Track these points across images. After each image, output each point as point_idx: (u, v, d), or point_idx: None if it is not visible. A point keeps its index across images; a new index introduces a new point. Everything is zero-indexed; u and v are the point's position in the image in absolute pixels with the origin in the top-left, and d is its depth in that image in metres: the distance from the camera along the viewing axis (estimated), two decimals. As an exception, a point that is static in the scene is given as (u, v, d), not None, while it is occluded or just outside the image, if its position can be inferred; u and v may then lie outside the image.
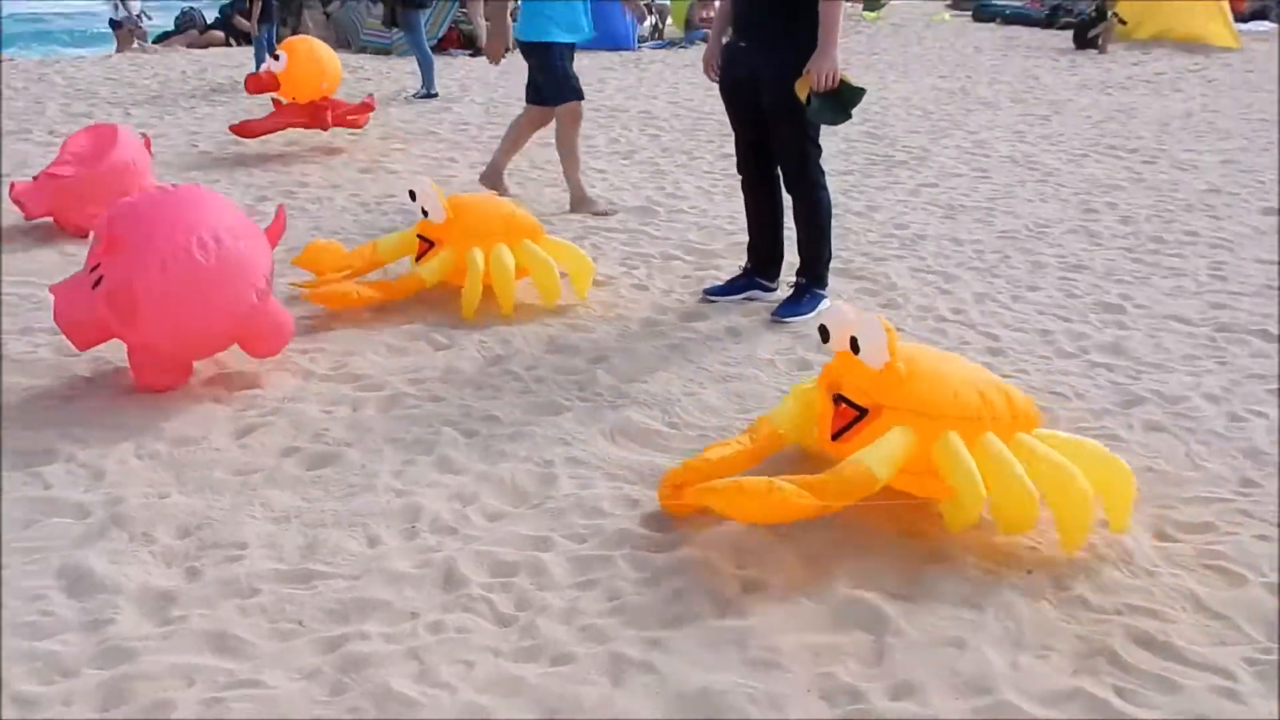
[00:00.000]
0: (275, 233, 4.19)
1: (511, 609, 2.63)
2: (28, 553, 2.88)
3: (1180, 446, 3.50)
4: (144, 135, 6.47)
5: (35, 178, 6.06)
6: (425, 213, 4.82)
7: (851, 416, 3.02)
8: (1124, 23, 15.58)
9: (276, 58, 8.26)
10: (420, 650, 2.47)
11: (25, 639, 2.52)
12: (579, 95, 6.48)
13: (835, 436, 3.06)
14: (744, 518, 2.82)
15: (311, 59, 8.36)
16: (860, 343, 3.00)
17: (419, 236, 4.89)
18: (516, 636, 2.52)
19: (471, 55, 15.11)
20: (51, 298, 3.85)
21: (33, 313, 4.64)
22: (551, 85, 6.37)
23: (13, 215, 6.15)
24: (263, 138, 8.23)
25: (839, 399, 3.06)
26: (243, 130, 8.11)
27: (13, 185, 6.10)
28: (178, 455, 3.43)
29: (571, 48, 6.41)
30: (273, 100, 8.53)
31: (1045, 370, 4.13)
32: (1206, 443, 3.53)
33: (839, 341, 3.10)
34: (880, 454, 2.83)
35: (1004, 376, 3.95)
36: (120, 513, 3.06)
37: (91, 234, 3.86)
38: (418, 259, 4.88)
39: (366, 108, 8.55)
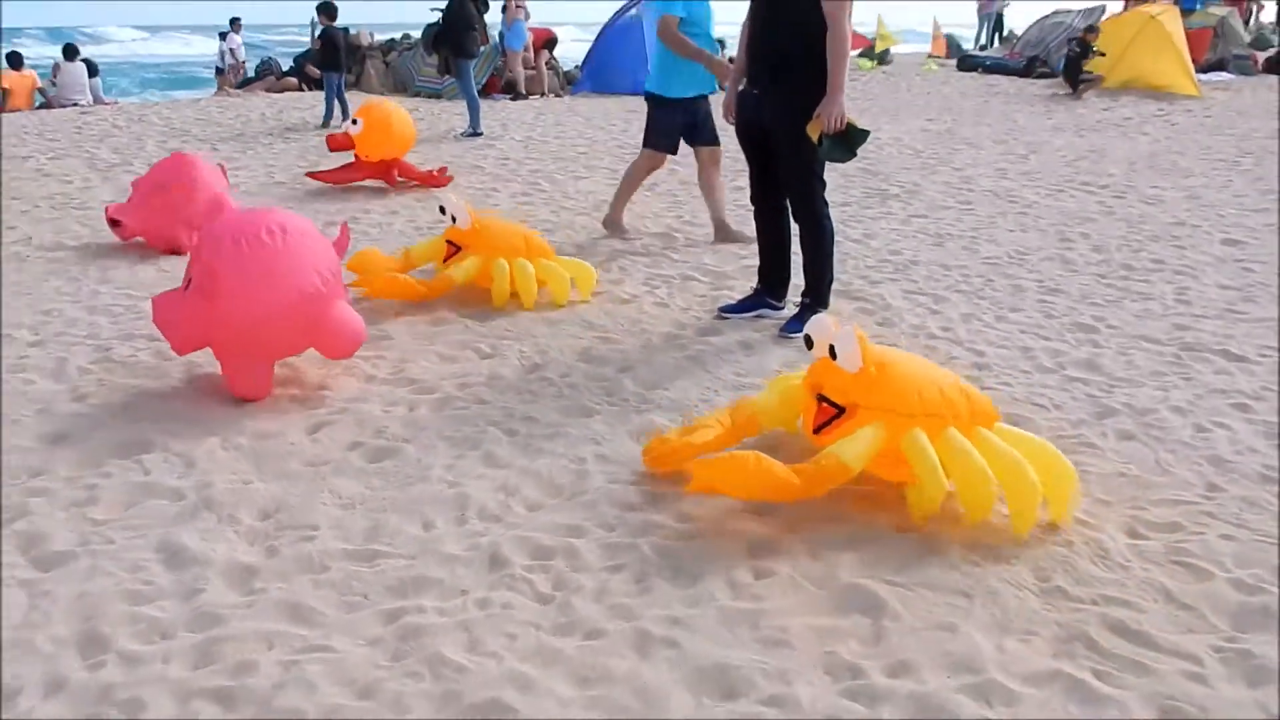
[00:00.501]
0: (341, 245, 4.24)
1: (549, 588, 2.64)
2: (131, 529, 2.92)
3: (1150, 454, 3.47)
4: (220, 165, 6.57)
5: (128, 201, 6.19)
6: (454, 219, 5.13)
7: (831, 414, 3.11)
8: (1102, 54, 15.45)
9: (355, 122, 8.10)
10: (470, 623, 2.48)
11: (129, 604, 2.56)
12: (673, 149, 6.36)
13: (817, 430, 3.14)
14: (729, 489, 2.90)
15: (385, 125, 8.16)
16: (837, 350, 3.09)
17: (447, 241, 5.22)
18: (554, 613, 2.53)
19: (511, 99, 15.21)
20: (151, 307, 3.90)
21: (134, 321, 4.70)
22: (654, 133, 6.31)
23: (110, 235, 6.24)
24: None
25: (821, 398, 3.15)
26: (319, 177, 8.22)
27: (108, 208, 6.20)
28: (258, 447, 3.46)
29: (697, 99, 6.24)
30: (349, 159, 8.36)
31: (1027, 384, 4.10)
32: (1174, 451, 3.49)
33: (820, 348, 3.18)
34: (854, 448, 2.94)
35: (988, 389, 3.97)
36: (209, 496, 3.10)
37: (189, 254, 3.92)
38: (444, 260, 5.21)
39: (435, 181, 8.28)
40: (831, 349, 3.11)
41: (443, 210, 5.24)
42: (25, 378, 4.08)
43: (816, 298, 4.67)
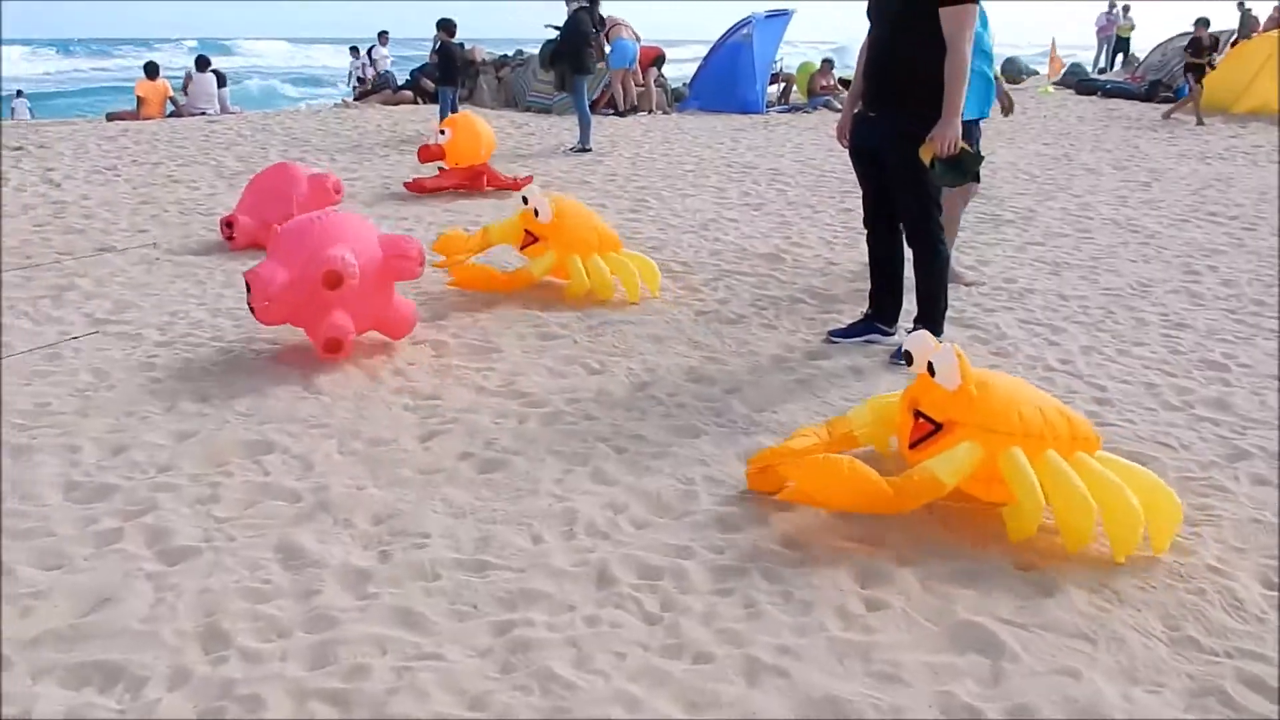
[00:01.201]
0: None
1: (657, 609, 2.63)
2: (252, 528, 3.01)
3: (1287, 500, 3.29)
4: (330, 175, 6.88)
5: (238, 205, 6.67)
6: (536, 212, 5.44)
7: (928, 429, 3.10)
8: (1211, 66, 14.96)
9: (443, 133, 8.69)
10: (578, 639, 2.48)
11: (249, 602, 2.63)
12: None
13: (913, 445, 3.14)
14: (822, 497, 2.96)
15: (471, 133, 8.79)
16: (936, 367, 3.09)
17: (525, 230, 5.54)
18: (662, 634, 2.52)
19: (618, 115, 15.36)
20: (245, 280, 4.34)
21: (257, 324, 4.84)
22: None
23: (249, 255, 6.49)
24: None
25: (918, 414, 3.14)
26: (415, 187, 8.66)
27: (226, 219, 6.59)
28: (373, 453, 3.54)
29: (971, 123, 6.00)
30: (438, 168, 8.94)
31: (1152, 422, 3.94)
32: (1312, 498, 3.31)
33: (919, 365, 3.18)
34: (949, 464, 2.95)
35: (1109, 425, 3.84)
36: (326, 499, 3.17)
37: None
38: (521, 247, 5.60)
39: (518, 186, 8.47)
40: (930, 366, 3.11)
41: (525, 201, 5.53)
42: (153, 376, 4.26)
43: (930, 324, 4.55)
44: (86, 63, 45.33)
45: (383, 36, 19.67)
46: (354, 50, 20.94)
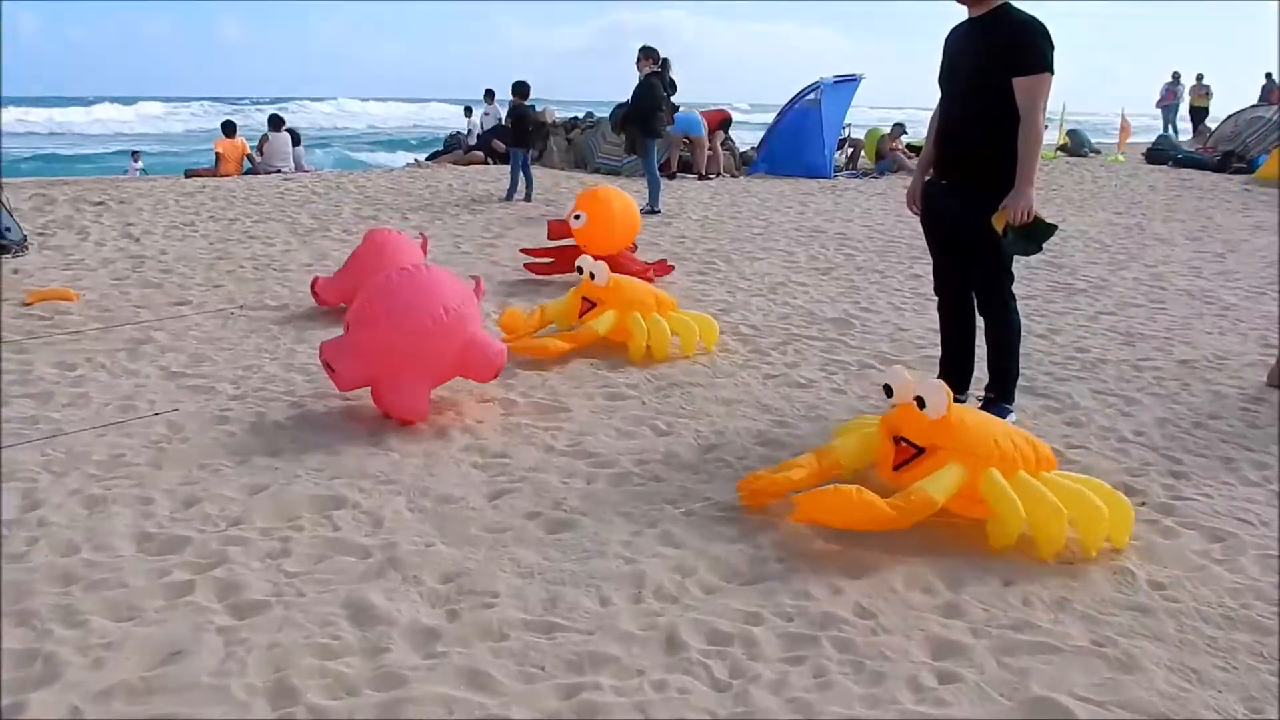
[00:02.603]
0: (478, 291, 4.85)
1: (726, 676, 2.61)
2: (321, 583, 3.05)
3: (1370, 581, 3.19)
4: (421, 234, 6.92)
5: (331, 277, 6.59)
6: (592, 276, 5.63)
7: (910, 453, 3.49)
8: None
9: (578, 217, 7.55)
10: (646, 705, 2.47)
11: (318, 658, 2.66)
12: None
13: (897, 468, 3.52)
14: (831, 518, 3.28)
15: (608, 219, 7.69)
16: (926, 400, 3.47)
17: (583, 298, 5.72)
18: (731, 702, 2.50)
19: (699, 178, 15.55)
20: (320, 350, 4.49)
21: (328, 380, 4.95)
22: None
23: (307, 297, 6.66)
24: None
25: (899, 440, 3.52)
26: (532, 269, 7.87)
27: (315, 280, 6.62)
28: (442, 511, 3.58)
29: None
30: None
31: (1229, 496, 3.84)
32: (1398, 580, 3.20)
33: (902, 397, 3.56)
34: (939, 484, 3.32)
35: (1185, 499, 3.77)
36: (395, 556, 3.21)
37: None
38: (580, 316, 5.71)
39: (663, 269, 7.99)
40: (920, 399, 3.48)
41: (580, 270, 5.75)
42: (227, 429, 4.37)
43: (1001, 392, 4.53)
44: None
45: (489, 95, 19.43)
46: (468, 110, 21.27)
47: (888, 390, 3.64)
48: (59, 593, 2.97)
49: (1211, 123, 24.07)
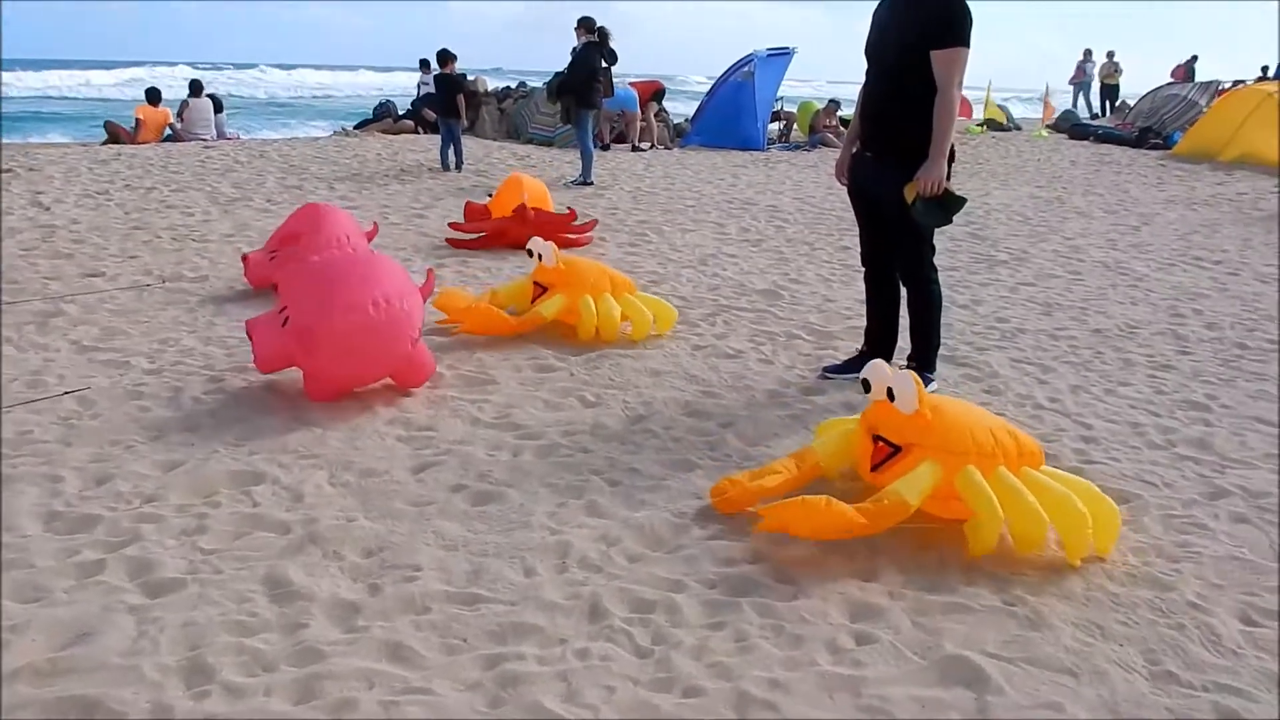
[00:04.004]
0: (426, 290, 4.58)
1: (649, 642, 2.62)
2: (238, 560, 2.99)
3: (1264, 538, 3.32)
4: (374, 225, 6.61)
5: (261, 251, 6.33)
6: (540, 258, 5.44)
7: (887, 452, 3.32)
8: None
9: (489, 195, 7.92)
10: (568, 673, 2.47)
11: (234, 635, 2.60)
12: None
13: (874, 468, 3.35)
14: (801, 529, 3.10)
15: (516, 190, 8.18)
16: (895, 393, 3.30)
17: (535, 282, 5.51)
18: (653, 668, 2.51)
19: (632, 150, 15.52)
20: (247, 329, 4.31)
21: (248, 354, 4.80)
22: None
23: (227, 269, 6.50)
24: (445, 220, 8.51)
25: (877, 438, 3.35)
26: (458, 244, 7.90)
27: (245, 256, 6.39)
28: (364, 485, 3.53)
29: None
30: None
31: (1136, 460, 3.97)
32: (1291, 536, 3.35)
33: (878, 392, 3.38)
34: (913, 485, 3.12)
35: (1095, 464, 3.87)
36: (316, 531, 3.16)
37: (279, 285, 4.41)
38: (533, 301, 5.47)
39: (578, 225, 8.12)
40: (890, 391, 3.32)
41: (530, 253, 5.55)
42: (141, 405, 4.24)
43: (923, 362, 4.60)
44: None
45: (424, 65, 18.69)
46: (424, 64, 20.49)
47: (865, 385, 3.46)
48: (-39, 573, 2.86)
49: (1126, 100, 24.68)
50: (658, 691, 2.42)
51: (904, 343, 4.74)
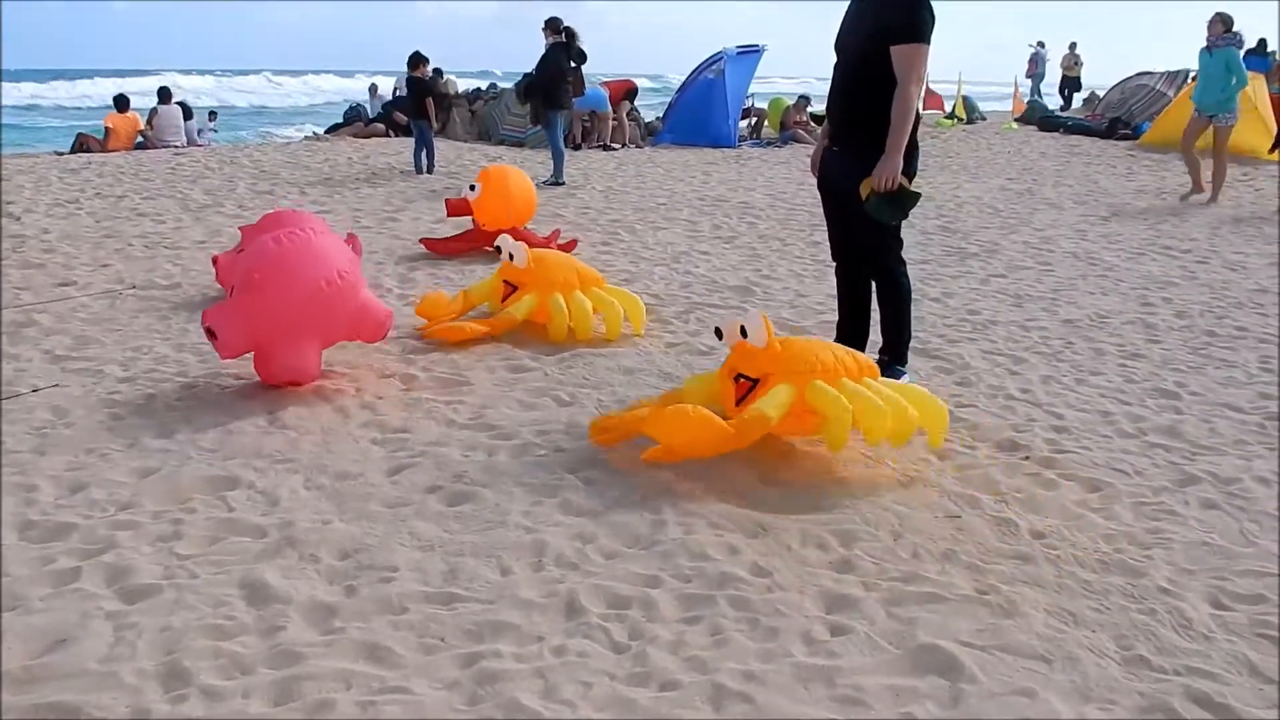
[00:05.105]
0: (357, 248, 4.75)
1: (625, 638, 2.64)
2: (215, 564, 2.99)
3: (1234, 524, 3.39)
4: (351, 234, 6.59)
5: (230, 252, 6.30)
6: (511, 257, 5.44)
7: (747, 387, 3.76)
8: None
9: (473, 188, 7.64)
10: (545, 670, 2.49)
11: (212, 639, 2.61)
12: None
13: (739, 403, 3.76)
14: (676, 442, 3.51)
15: (504, 191, 7.75)
16: (748, 330, 3.77)
17: (505, 281, 5.50)
18: (630, 663, 2.53)
19: (603, 149, 15.53)
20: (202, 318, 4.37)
21: (224, 362, 4.82)
22: None
23: (199, 274, 6.47)
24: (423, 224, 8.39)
25: (739, 377, 3.80)
26: (432, 247, 7.69)
27: (215, 258, 6.36)
28: (340, 488, 3.54)
29: None
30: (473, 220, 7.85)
31: (1107, 449, 4.03)
32: (1258, 521, 3.41)
33: (731, 336, 3.85)
34: (772, 402, 3.60)
35: (1067, 453, 3.92)
36: (291, 535, 3.16)
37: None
38: (503, 300, 5.48)
39: (567, 245, 7.72)
40: (743, 329, 3.78)
41: (498, 250, 5.58)
42: (115, 413, 4.23)
43: (895, 355, 4.64)
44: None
45: (373, 89, 20.02)
46: (373, 88, 21.10)
47: (718, 334, 3.93)
48: (-65, 585, 2.85)
49: (1095, 91, 24.84)
50: (635, 686, 2.44)
51: (876, 336, 4.78)
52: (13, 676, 2.44)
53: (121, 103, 15.58)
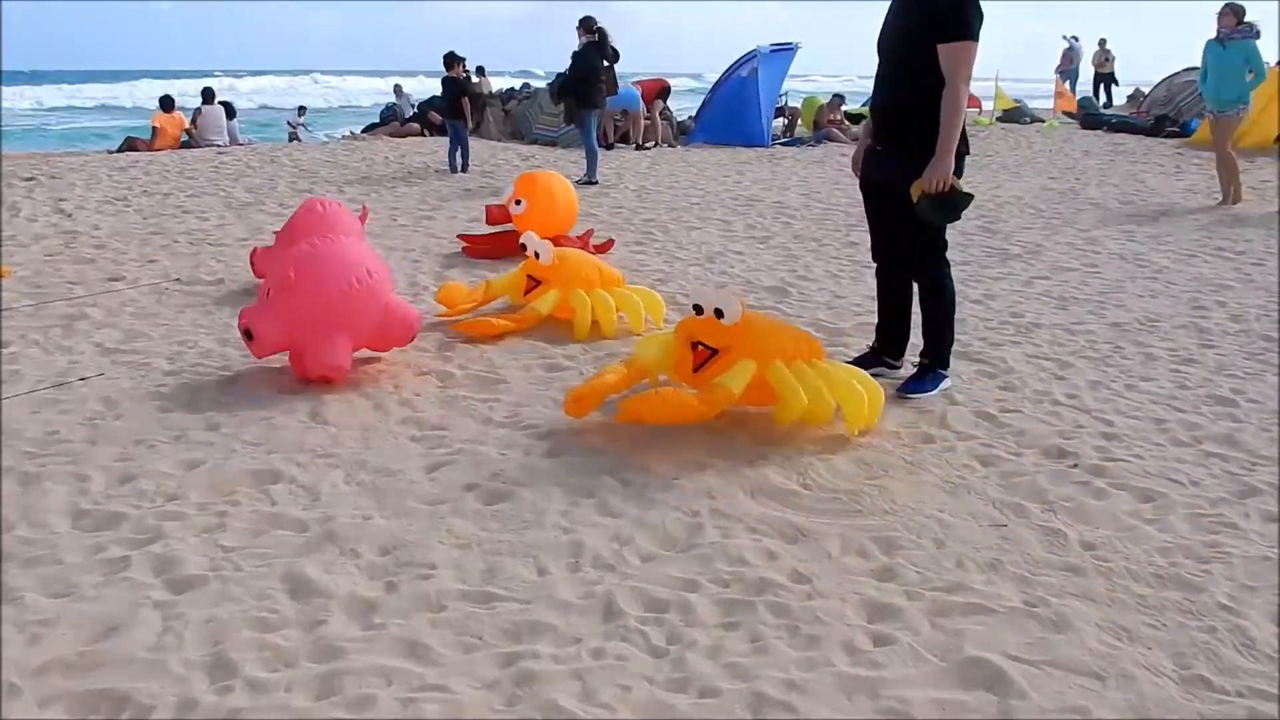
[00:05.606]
0: (364, 217, 5.12)
1: (663, 642, 2.62)
2: (257, 557, 3.02)
3: (1297, 538, 3.28)
4: (362, 206, 6.77)
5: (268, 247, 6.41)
6: (536, 255, 5.59)
7: (707, 355, 4.05)
8: None
9: (518, 203, 7.42)
10: (583, 672, 2.48)
11: (256, 631, 2.63)
12: None
13: (697, 369, 4.06)
14: (651, 415, 3.89)
15: (548, 205, 7.59)
16: (724, 311, 4.01)
17: (528, 276, 5.68)
18: (668, 668, 2.51)
19: (636, 149, 15.55)
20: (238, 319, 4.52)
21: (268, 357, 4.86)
22: None
23: (243, 271, 6.54)
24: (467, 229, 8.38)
25: (696, 344, 4.06)
26: (471, 246, 7.63)
27: (254, 251, 6.48)
28: (379, 483, 3.55)
29: None
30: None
31: (1160, 457, 3.93)
32: (1321, 535, 3.30)
33: (708, 311, 4.06)
34: (737, 378, 3.93)
35: (1117, 461, 3.84)
36: (332, 529, 3.18)
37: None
38: (525, 294, 5.65)
39: (602, 246, 7.75)
40: (718, 310, 4.01)
41: (524, 247, 5.70)
42: (162, 405, 4.29)
43: (936, 358, 4.59)
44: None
45: (398, 90, 20.26)
46: (398, 89, 21.37)
47: (697, 309, 4.11)
48: (-9, 571, 2.91)
49: (1126, 87, 24.38)
50: (674, 691, 2.42)
51: (916, 339, 4.72)
52: (66, 662, 2.49)
53: (167, 103, 15.82)
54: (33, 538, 3.12)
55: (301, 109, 22.28)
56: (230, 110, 16.52)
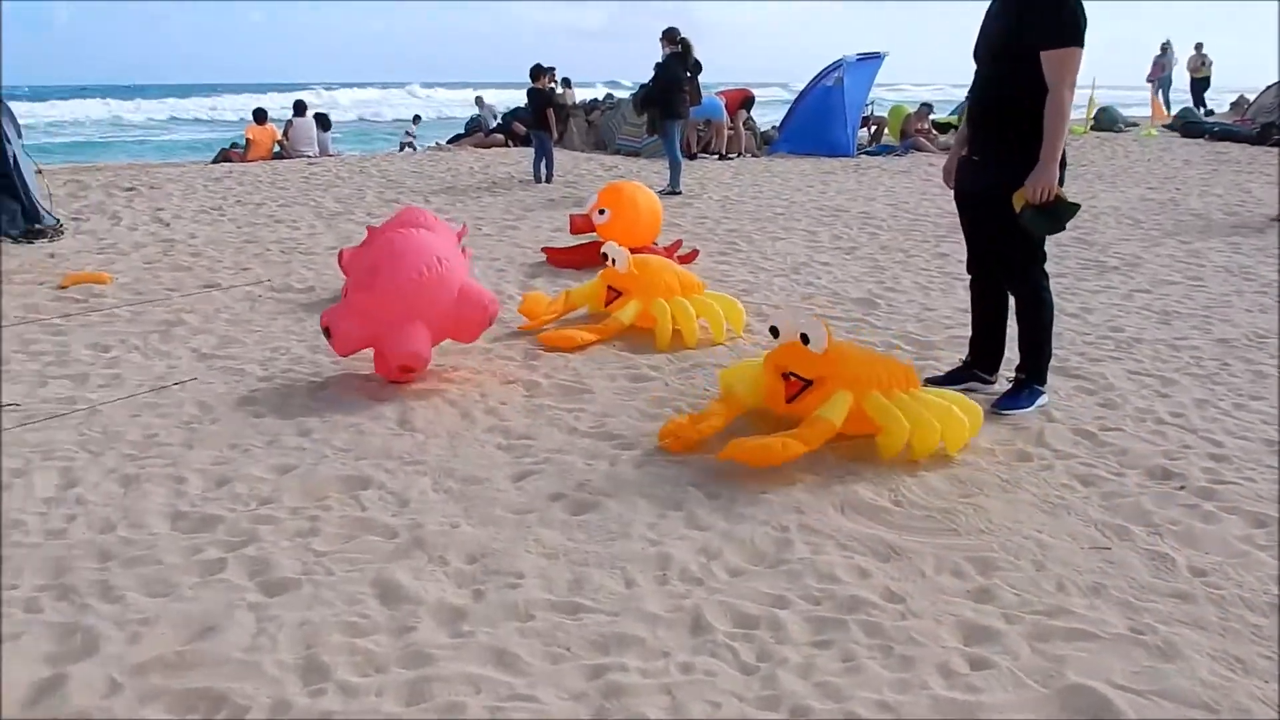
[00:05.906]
0: (461, 233, 5.14)
1: (753, 659, 2.59)
2: (348, 562, 3.06)
3: None
4: (462, 225, 6.76)
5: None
6: (614, 263, 5.67)
7: (800, 386, 3.97)
8: None
9: (602, 213, 7.49)
10: (673, 687, 2.46)
11: (347, 635, 2.67)
12: None
13: (790, 400, 4.00)
14: (754, 460, 3.65)
15: (632, 216, 7.61)
16: (810, 337, 3.96)
17: (609, 287, 5.72)
18: (759, 685, 2.47)
19: (719, 159, 15.55)
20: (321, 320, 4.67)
21: (354, 361, 4.96)
22: None
23: (335, 284, 6.67)
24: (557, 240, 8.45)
25: (787, 375, 3.99)
26: (555, 258, 7.63)
27: (342, 253, 6.58)
28: (467, 491, 3.58)
29: None
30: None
31: (1273, 480, 3.74)
32: None
33: (787, 336, 4.05)
34: (835, 410, 3.84)
35: (1227, 483, 3.69)
36: (421, 536, 3.22)
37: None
38: (606, 304, 5.70)
39: (687, 257, 7.75)
40: (804, 336, 3.97)
41: (603, 256, 5.77)
42: (255, 410, 4.40)
43: (1034, 373, 4.46)
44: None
45: (479, 101, 20.63)
46: (479, 100, 21.76)
47: (774, 331, 4.10)
48: (97, 568, 3.02)
49: (1217, 94, 23.47)
50: (765, 710, 2.38)
51: (1010, 353, 4.60)
52: (165, 661, 2.55)
53: (260, 115, 16.31)
54: (133, 538, 3.21)
55: (416, 118, 22.73)
56: (325, 122, 16.95)
